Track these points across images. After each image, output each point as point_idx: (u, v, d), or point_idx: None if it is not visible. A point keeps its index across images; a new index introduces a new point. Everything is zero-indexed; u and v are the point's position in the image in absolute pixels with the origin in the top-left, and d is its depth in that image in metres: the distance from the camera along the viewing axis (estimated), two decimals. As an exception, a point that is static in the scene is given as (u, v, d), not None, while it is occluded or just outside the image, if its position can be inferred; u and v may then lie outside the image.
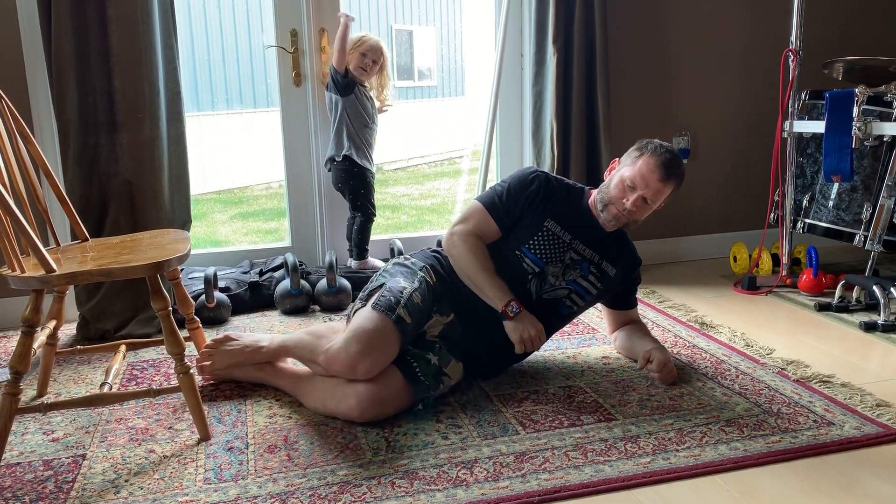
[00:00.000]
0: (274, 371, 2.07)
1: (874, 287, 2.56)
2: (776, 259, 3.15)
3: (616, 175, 2.08)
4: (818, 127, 2.85)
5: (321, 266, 3.07)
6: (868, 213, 2.73)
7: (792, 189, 3.01)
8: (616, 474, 1.60)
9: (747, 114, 3.43)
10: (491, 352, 2.06)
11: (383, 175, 7.59)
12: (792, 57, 2.91)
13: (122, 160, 2.51)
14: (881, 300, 2.51)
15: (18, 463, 1.71)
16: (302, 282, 2.82)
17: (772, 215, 3.09)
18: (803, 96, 3.02)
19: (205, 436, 1.79)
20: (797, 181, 3.04)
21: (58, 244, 2.05)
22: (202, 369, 2.07)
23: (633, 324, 2.29)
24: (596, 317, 2.64)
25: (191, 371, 1.77)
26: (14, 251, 1.66)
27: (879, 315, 2.51)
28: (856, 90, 2.71)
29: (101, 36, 2.45)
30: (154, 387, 1.98)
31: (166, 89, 2.58)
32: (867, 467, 1.63)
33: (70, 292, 2.57)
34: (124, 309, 2.59)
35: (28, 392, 2.10)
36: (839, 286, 2.72)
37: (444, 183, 7.69)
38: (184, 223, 2.68)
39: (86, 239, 2.12)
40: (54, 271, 1.65)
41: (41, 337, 1.91)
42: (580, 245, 2.08)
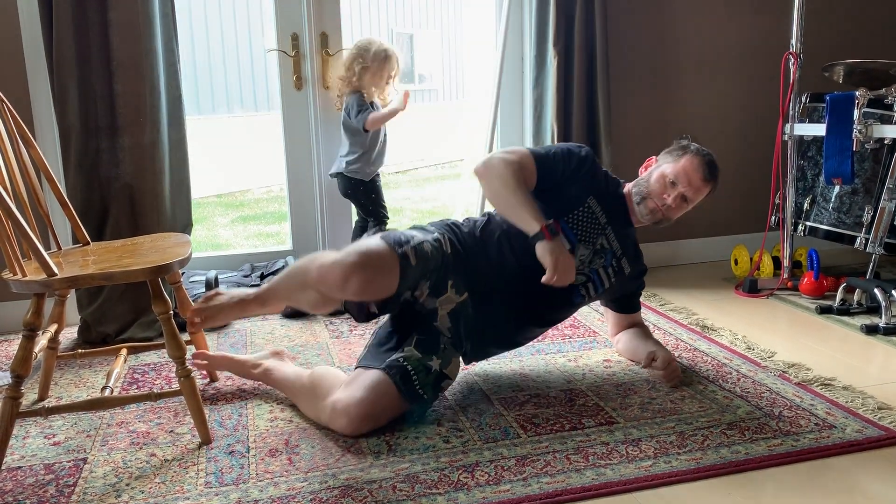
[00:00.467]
0: (270, 373, 2.05)
1: (875, 290, 2.56)
2: (777, 262, 3.15)
3: (656, 171, 2.09)
4: (819, 130, 2.85)
5: (322, 269, 3.07)
6: (869, 216, 2.73)
7: (793, 192, 3.01)
8: (617, 478, 1.60)
9: (748, 117, 3.43)
10: (502, 334, 2.03)
11: (384, 178, 7.59)
12: (792, 60, 2.91)
13: (124, 164, 2.52)
14: (882, 303, 2.51)
15: (20, 467, 1.71)
16: (303, 285, 2.81)
17: (773, 218, 3.08)
18: (804, 99, 3.02)
19: (206, 439, 1.79)
20: (798, 184, 3.04)
21: (59, 248, 2.05)
22: (193, 323, 1.96)
23: (636, 326, 2.30)
24: (597, 320, 2.64)
25: (192, 375, 1.77)
26: (15, 255, 1.66)
27: (881, 318, 2.51)
28: (856, 93, 2.71)
29: (103, 40, 2.45)
30: (155, 390, 1.98)
31: (167, 93, 2.58)
32: (869, 470, 1.63)
33: (71, 296, 2.57)
34: (125, 312, 2.59)
35: (29, 396, 2.10)
36: (840, 289, 2.72)
37: (445, 186, 7.69)
38: (185, 227, 2.68)
39: (87, 242, 2.12)
40: (55, 275, 1.65)
41: (42, 341, 1.91)
42: (611, 233, 2.07)
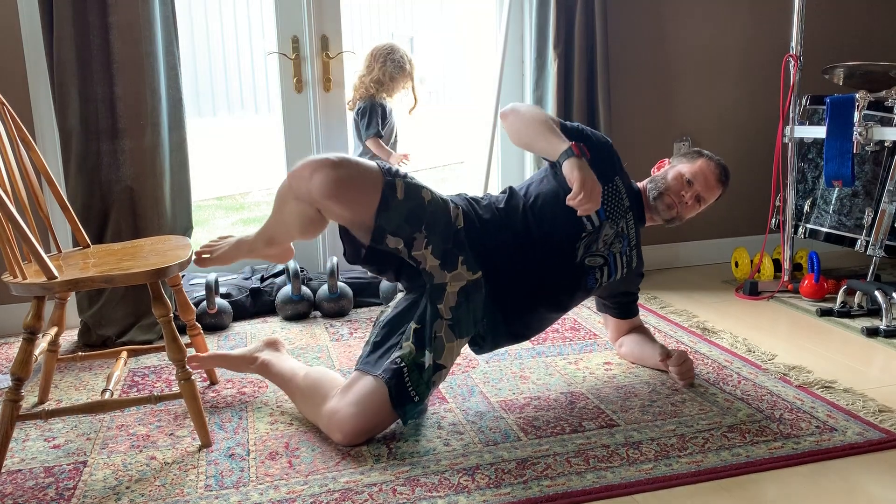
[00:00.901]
0: (267, 367, 2.01)
1: (876, 292, 2.55)
2: (778, 264, 3.15)
3: (672, 170, 2.13)
4: (819, 132, 2.86)
5: (322, 272, 3.07)
6: (869, 219, 2.73)
7: (793, 194, 3.01)
8: (618, 481, 1.60)
9: (748, 119, 3.43)
10: (514, 316, 1.95)
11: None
12: (793, 62, 2.91)
13: (124, 167, 2.52)
14: (883, 305, 2.51)
15: (19, 470, 1.71)
16: (303, 288, 2.82)
17: (773, 220, 3.08)
18: (804, 101, 3.02)
19: (206, 442, 1.79)
20: (798, 186, 3.04)
21: (59, 251, 2.05)
22: (201, 257, 2.03)
23: (637, 329, 2.30)
24: (598, 322, 2.64)
25: (192, 378, 1.77)
26: (16, 258, 1.66)
27: (881, 320, 2.51)
28: (856, 95, 2.71)
29: (103, 43, 2.46)
30: (155, 393, 1.98)
31: (168, 96, 2.58)
32: (870, 473, 1.62)
33: (71, 299, 2.57)
34: (126, 315, 2.59)
35: (29, 399, 2.10)
36: (841, 291, 2.72)
37: (445, 189, 7.68)
38: (185, 229, 2.68)
39: (87, 245, 2.12)
40: (56, 278, 1.65)
41: (42, 343, 1.91)
42: (631, 219, 2.07)
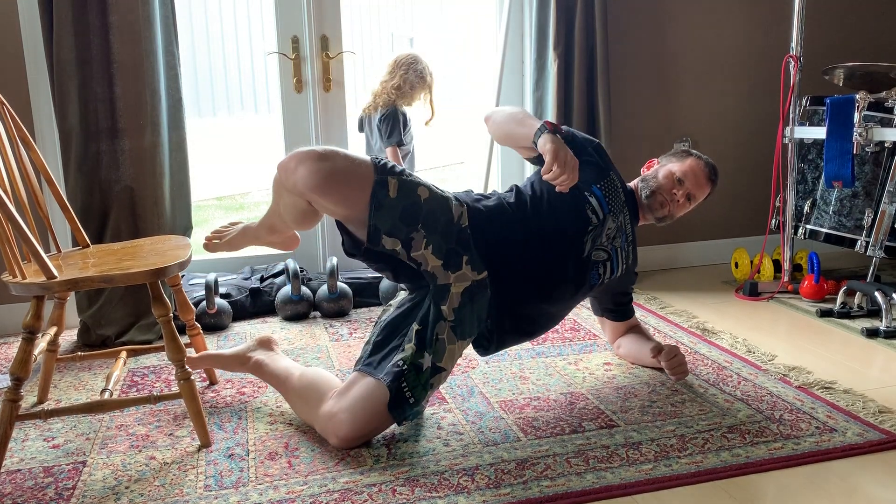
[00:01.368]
0: (261, 367, 2.00)
1: (876, 293, 2.55)
2: (777, 265, 3.15)
3: (662, 169, 2.14)
4: (819, 133, 2.86)
5: (322, 272, 3.07)
6: (869, 219, 2.73)
7: (793, 195, 3.01)
8: (618, 481, 1.60)
9: (748, 120, 3.43)
10: (520, 313, 1.93)
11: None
12: (792, 63, 2.91)
13: (124, 167, 2.52)
14: (883, 306, 2.51)
15: (19, 469, 1.71)
16: (303, 288, 2.82)
17: (773, 221, 3.08)
18: (804, 102, 3.02)
19: (205, 442, 1.79)
20: (798, 187, 3.04)
21: (59, 250, 2.05)
22: (210, 242, 2.05)
23: (634, 329, 2.30)
24: (597, 323, 2.63)
25: (191, 378, 1.77)
26: (15, 257, 1.66)
27: (881, 321, 2.51)
28: (856, 96, 2.71)
29: (103, 43, 2.46)
30: (155, 393, 1.98)
31: (168, 96, 2.58)
32: (870, 474, 1.62)
33: (71, 298, 2.57)
34: (125, 315, 2.59)
35: (29, 398, 2.09)
36: (841, 292, 2.72)
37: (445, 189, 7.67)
38: (185, 229, 2.68)
39: (87, 245, 2.12)
40: (55, 277, 1.65)
41: (42, 343, 1.91)
42: (627, 213, 2.10)
